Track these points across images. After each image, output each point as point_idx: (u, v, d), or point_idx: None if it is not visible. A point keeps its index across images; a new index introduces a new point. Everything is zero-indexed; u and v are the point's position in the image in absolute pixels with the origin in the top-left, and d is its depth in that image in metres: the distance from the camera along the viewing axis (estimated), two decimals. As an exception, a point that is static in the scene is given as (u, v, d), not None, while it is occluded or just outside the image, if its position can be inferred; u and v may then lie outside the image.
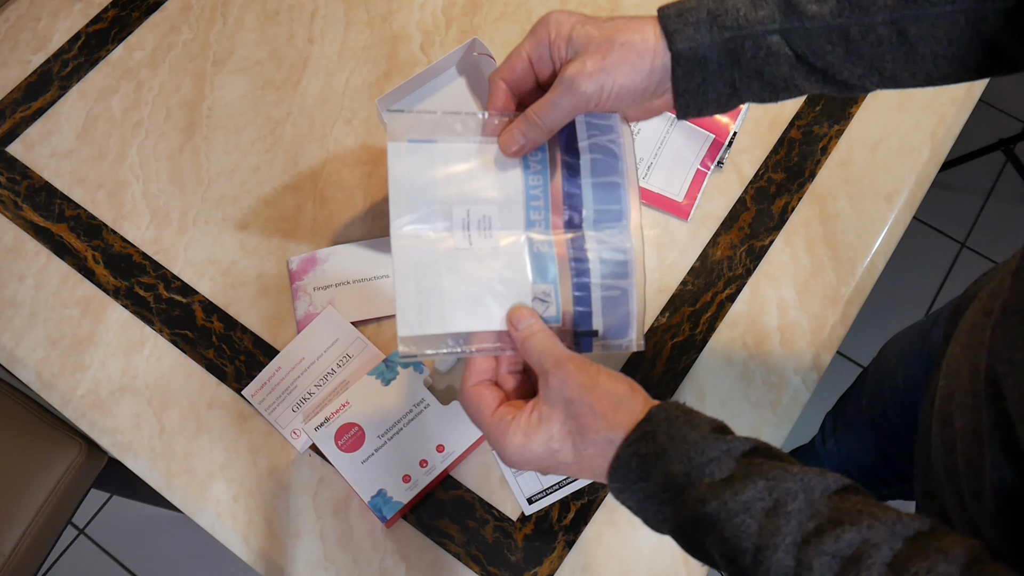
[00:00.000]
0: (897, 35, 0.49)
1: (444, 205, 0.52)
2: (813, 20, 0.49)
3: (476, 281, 0.52)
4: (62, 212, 0.86)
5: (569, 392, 0.47)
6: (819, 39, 0.50)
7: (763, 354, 0.77)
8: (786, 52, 0.50)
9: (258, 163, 0.88)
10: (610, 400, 0.47)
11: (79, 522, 1.55)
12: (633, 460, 0.45)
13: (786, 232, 0.82)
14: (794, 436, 1.45)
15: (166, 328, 0.80)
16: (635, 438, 0.45)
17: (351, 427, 0.72)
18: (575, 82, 0.49)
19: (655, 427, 0.46)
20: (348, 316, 0.79)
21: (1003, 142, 1.71)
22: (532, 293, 0.52)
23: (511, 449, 0.48)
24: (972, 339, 0.56)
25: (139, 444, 0.76)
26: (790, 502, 0.41)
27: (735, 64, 0.50)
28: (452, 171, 0.53)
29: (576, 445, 0.47)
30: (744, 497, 0.42)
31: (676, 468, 0.44)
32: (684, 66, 0.50)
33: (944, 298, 1.72)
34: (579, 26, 0.51)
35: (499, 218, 0.53)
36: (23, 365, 0.80)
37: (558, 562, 0.70)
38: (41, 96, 0.92)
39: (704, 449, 0.44)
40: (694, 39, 0.49)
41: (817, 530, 0.40)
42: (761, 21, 0.49)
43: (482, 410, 0.50)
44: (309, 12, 0.96)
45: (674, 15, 0.50)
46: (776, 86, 0.51)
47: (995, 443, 0.48)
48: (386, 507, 0.70)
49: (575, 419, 0.47)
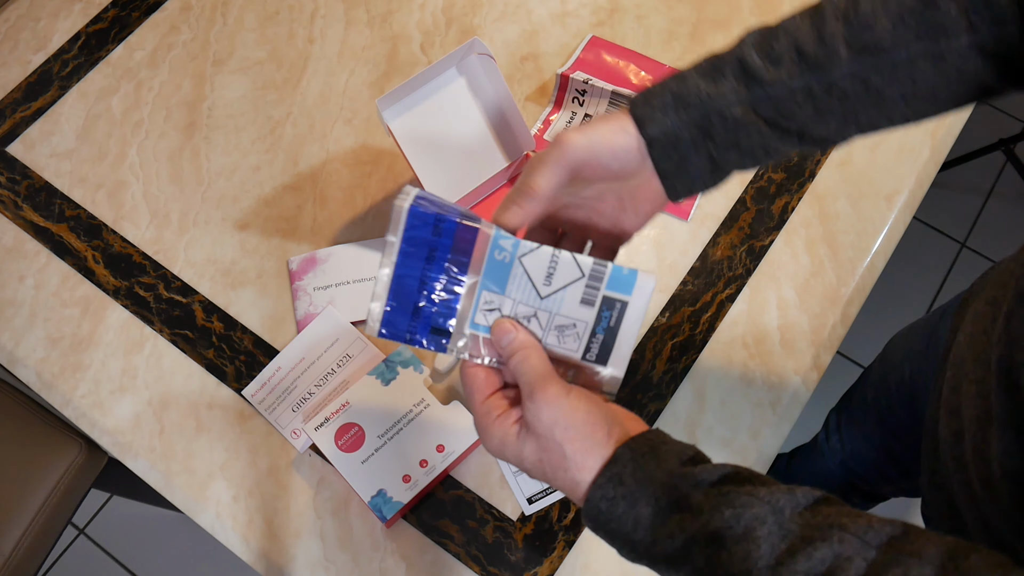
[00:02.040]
0: (861, 86, 0.49)
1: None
2: (773, 86, 0.49)
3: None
4: (62, 212, 0.86)
5: (540, 427, 0.47)
6: (785, 103, 0.50)
7: (763, 354, 0.77)
8: (754, 120, 0.50)
9: (258, 163, 0.88)
10: (582, 442, 0.46)
11: (79, 522, 1.55)
12: (602, 503, 0.45)
13: (786, 232, 0.82)
14: (795, 435, 1.45)
15: (166, 328, 0.80)
16: (602, 482, 0.46)
17: (351, 427, 0.72)
18: (562, 136, 0.50)
19: (621, 469, 0.45)
20: (348, 316, 0.79)
21: (1003, 142, 1.71)
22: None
23: (490, 444, 0.49)
24: (976, 328, 0.56)
25: (139, 444, 0.76)
26: (758, 527, 0.41)
27: (708, 139, 0.51)
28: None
29: (546, 474, 0.47)
30: (712, 527, 0.42)
31: (644, 510, 0.44)
32: (659, 148, 0.51)
33: (944, 298, 1.72)
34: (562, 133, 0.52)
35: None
36: (23, 365, 0.80)
37: (558, 562, 0.70)
38: (41, 96, 0.92)
39: (672, 488, 0.44)
40: (662, 122, 0.50)
41: (789, 550, 0.40)
42: (723, 95, 0.50)
43: (474, 392, 0.50)
44: (309, 12, 0.96)
45: (641, 102, 0.51)
46: (755, 154, 0.52)
47: (1009, 430, 0.48)
48: (386, 507, 0.70)
49: (546, 452, 0.47)
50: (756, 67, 0.50)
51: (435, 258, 0.51)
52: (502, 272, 0.51)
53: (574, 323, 0.51)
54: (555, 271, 0.51)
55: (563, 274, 0.51)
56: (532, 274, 0.51)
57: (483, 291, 0.51)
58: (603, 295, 0.51)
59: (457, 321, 0.51)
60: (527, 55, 0.92)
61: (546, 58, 0.92)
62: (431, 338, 0.51)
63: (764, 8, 0.93)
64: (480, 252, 0.51)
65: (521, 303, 0.51)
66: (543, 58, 0.92)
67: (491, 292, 0.51)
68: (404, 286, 0.51)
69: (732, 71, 0.50)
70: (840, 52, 0.49)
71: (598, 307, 0.51)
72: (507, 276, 0.51)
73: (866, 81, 0.49)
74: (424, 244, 0.51)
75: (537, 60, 0.92)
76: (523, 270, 0.51)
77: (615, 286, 0.51)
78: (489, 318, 0.51)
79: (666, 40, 0.92)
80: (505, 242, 0.51)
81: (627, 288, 0.51)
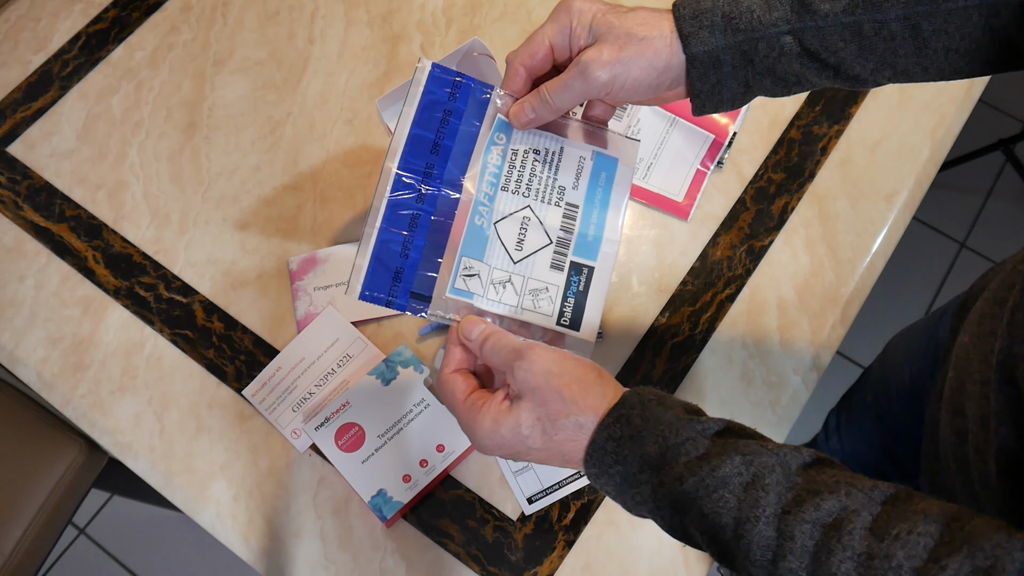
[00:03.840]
0: (910, 31, 0.49)
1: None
2: (826, 19, 0.50)
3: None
4: (62, 212, 0.86)
5: (535, 380, 0.47)
6: (832, 36, 0.50)
7: (763, 354, 0.77)
8: (798, 51, 0.50)
9: (258, 163, 0.88)
10: (579, 385, 0.47)
11: (79, 522, 1.55)
12: (608, 444, 0.45)
13: (786, 232, 0.83)
14: (794, 436, 1.45)
15: (166, 328, 0.80)
16: (609, 421, 0.46)
17: (351, 427, 0.72)
18: (589, 68, 0.50)
19: (629, 410, 0.46)
20: (348, 316, 0.79)
21: (1003, 142, 1.71)
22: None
23: (481, 434, 0.48)
24: (982, 328, 0.56)
25: (139, 444, 0.76)
26: (767, 475, 0.42)
27: (748, 64, 0.51)
28: None
29: (546, 431, 0.47)
30: (722, 472, 0.42)
31: (651, 449, 0.44)
32: (699, 68, 0.51)
33: (944, 298, 1.72)
34: (600, 15, 0.52)
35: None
36: (23, 365, 0.80)
37: (558, 562, 0.70)
38: (41, 96, 0.92)
39: (679, 429, 0.45)
40: (708, 42, 0.50)
41: (796, 500, 0.41)
42: (775, 23, 0.50)
43: (456, 395, 0.50)
44: (309, 12, 0.96)
45: (689, 16, 0.51)
46: (788, 81, 0.52)
47: (1005, 426, 0.48)
48: (386, 507, 0.70)
49: (544, 405, 0.47)
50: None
51: (418, 224, 0.52)
52: (480, 238, 0.53)
53: (546, 287, 0.53)
54: (525, 237, 0.54)
55: (533, 240, 0.54)
56: (505, 240, 0.53)
57: (463, 256, 0.53)
58: (571, 260, 0.54)
59: (436, 287, 0.52)
60: (527, 55, 0.92)
61: (546, 58, 0.92)
62: (411, 303, 0.52)
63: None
64: (461, 218, 0.53)
65: (497, 268, 0.53)
66: (543, 58, 0.92)
67: (470, 258, 0.53)
68: (387, 251, 0.52)
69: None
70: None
71: (567, 272, 0.54)
72: (485, 243, 0.53)
73: (917, 27, 0.49)
74: (407, 214, 0.52)
75: (537, 60, 0.92)
76: (497, 236, 0.53)
77: (581, 252, 0.54)
78: (469, 283, 0.53)
79: (666, 40, 0.92)
80: (483, 207, 0.53)
81: (592, 254, 0.54)
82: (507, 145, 0.55)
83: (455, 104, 0.54)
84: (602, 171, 0.56)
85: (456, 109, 0.54)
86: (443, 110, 0.54)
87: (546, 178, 0.55)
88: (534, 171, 0.55)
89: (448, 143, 0.54)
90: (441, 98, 0.54)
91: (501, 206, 0.54)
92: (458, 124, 0.55)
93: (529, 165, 0.55)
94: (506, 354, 0.49)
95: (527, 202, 0.55)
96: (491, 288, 0.53)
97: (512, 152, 0.55)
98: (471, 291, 0.53)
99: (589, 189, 0.56)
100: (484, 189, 0.54)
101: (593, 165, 0.56)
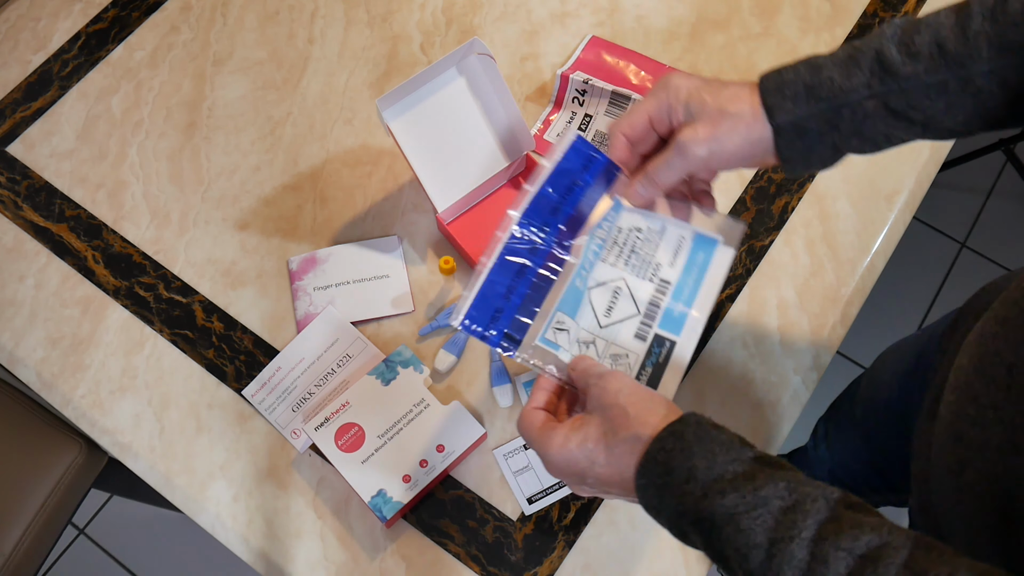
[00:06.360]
0: (998, 85, 0.50)
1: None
2: (908, 80, 0.51)
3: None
4: (62, 212, 0.86)
5: (607, 398, 0.50)
6: (917, 96, 0.51)
7: (763, 354, 0.77)
8: (883, 113, 0.52)
9: (258, 163, 0.88)
10: (643, 404, 0.50)
11: (79, 522, 1.55)
12: (659, 454, 0.47)
13: (786, 232, 0.82)
14: (795, 435, 1.45)
15: (166, 328, 0.80)
16: (664, 435, 0.48)
17: (351, 427, 0.72)
18: (687, 147, 0.54)
19: (683, 427, 0.48)
20: (348, 316, 0.79)
21: (1003, 142, 1.71)
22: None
23: (551, 449, 0.51)
24: (986, 349, 0.54)
25: (139, 444, 0.76)
26: (808, 503, 0.43)
27: (834, 130, 0.53)
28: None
29: (608, 444, 0.49)
30: (764, 493, 0.43)
31: (700, 463, 0.46)
32: (785, 137, 0.53)
33: (944, 298, 1.72)
34: (695, 92, 0.55)
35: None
36: (23, 365, 0.80)
37: (558, 562, 0.70)
38: (41, 96, 0.92)
39: (729, 450, 0.46)
40: (792, 112, 0.53)
41: (835, 529, 0.41)
42: (855, 88, 0.52)
43: (534, 424, 0.53)
44: (309, 12, 0.96)
45: (773, 89, 0.53)
46: (877, 141, 0.54)
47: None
48: (386, 507, 0.70)
49: (610, 421, 0.50)
50: (893, 61, 0.51)
51: (524, 274, 0.57)
52: (576, 299, 0.57)
53: (627, 353, 0.57)
54: (616, 305, 0.57)
55: (622, 309, 0.57)
56: (596, 305, 0.57)
57: (558, 311, 0.57)
58: (655, 333, 0.57)
59: (528, 334, 0.56)
60: (527, 55, 0.92)
61: (546, 58, 0.92)
62: (502, 342, 0.56)
63: (764, 8, 0.93)
64: (564, 278, 0.57)
65: (584, 329, 0.57)
66: (543, 58, 0.92)
67: (564, 314, 0.57)
68: (492, 291, 0.56)
69: (868, 64, 0.52)
70: (982, 50, 0.49)
71: (649, 343, 0.57)
72: (579, 304, 0.57)
73: (1004, 80, 0.50)
74: (517, 263, 0.57)
75: (537, 60, 0.92)
76: (590, 301, 0.57)
77: (667, 325, 0.57)
78: (558, 337, 0.56)
79: (666, 40, 0.92)
80: (584, 272, 0.57)
81: (677, 328, 0.57)
82: (615, 222, 0.59)
83: (584, 176, 0.59)
84: (700, 251, 0.59)
85: (584, 181, 0.59)
86: (573, 179, 0.59)
87: (644, 255, 0.59)
88: (634, 247, 0.59)
89: (568, 209, 0.58)
90: (574, 167, 0.59)
91: (599, 274, 0.58)
92: (581, 194, 0.59)
93: (631, 242, 0.59)
94: (589, 376, 0.52)
95: (623, 274, 0.58)
96: (576, 345, 0.56)
97: (618, 228, 0.59)
98: (558, 344, 0.56)
99: (685, 268, 0.59)
100: (588, 256, 0.58)
101: (692, 246, 0.59)
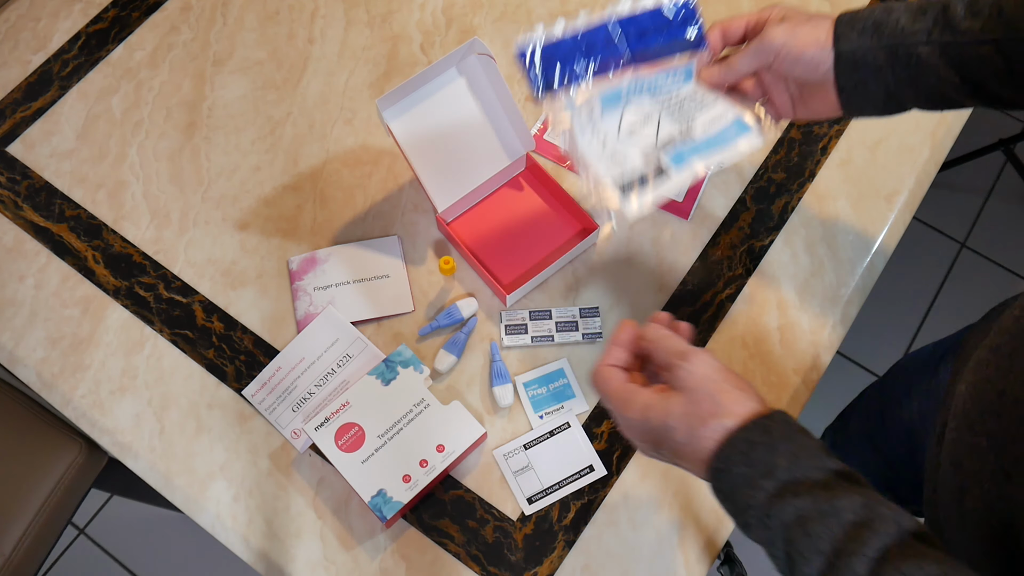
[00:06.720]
0: None
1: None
2: (965, 35, 0.54)
3: None
4: (62, 212, 0.86)
5: (693, 380, 0.50)
6: (970, 53, 0.54)
7: (763, 354, 0.77)
8: (936, 63, 0.55)
9: (258, 163, 0.88)
10: (733, 394, 0.50)
11: (79, 522, 1.55)
12: (742, 444, 0.47)
13: (786, 232, 0.82)
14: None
15: (166, 328, 0.80)
16: (751, 426, 0.48)
17: (351, 427, 0.72)
18: (769, 32, 0.60)
19: (772, 423, 0.48)
20: (348, 316, 0.79)
21: (1003, 142, 1.71)
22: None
23: (630, 412, 0.52)
24: (979, 377, 0.55)
25: (139, 444, 0.76)
26: (879, 523, 0.43)
27: (890, 69, 0.57)
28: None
29: (692, 427, 0.50)
30: (839, 504, 0.43)
31: (781, 462, 0.46)
32: (843, 64, 0.59)
33: (944, 298, 1.72)
34: (791, 9, 0.62)
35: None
36: (23, 365, 0.80)
37: (558, 562, 0.70)
38: (41, 96, 0.92)
39: (814, 455, 0.46)
40: (854, 42, 0.58)
41: (901, 554, 0.41)
42: (916, 32, 0.56)
43: (610, 383, 0.54)
44: (309, 12, 0.96)
45: (846, 21, 0.59)
46: (932, 96, 0.57)
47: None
48: (386, 507, 0.70)
49: (696, 404, 0.50)
50: (956, 15, 0.55)
51: (591, 52, 0.65)
52: (614, 101, 0.65)
53: (624, 161, 0.64)
54: (640, 129, 0.65)
55: (644, 133, 0.65)
56: (624, 117, 0.65)
57: (599, 98, 0.65)
58: (658, 158, 0.64)
59: (561, 91, 0.64)
60: (527, 55, 0.92)
61: (546, 58, 0.92)
62: (546, 88, 0.64)
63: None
64: (615, 79, 0.65)
65: (604, 130, 0.64)
66: (543, 58, 0.92)
67: (599, 102, 0.65)
68: (561, 49, 0.64)
69: (934, 14, 0.56)
70: None
71: (649, 166, 0.63)
72: (614, 106, 0.65)
73: None
74: (593, 41, 0.65)
75: (537, 60, 0.92)
76: (622, 111, 0.65)
77: (671, 158, 0.63)
78: (582, 112, 0.64)
79: (666, 40, 0.92)
80: (630, 88, 0.65)
81: (679, 164, 0.64)
82: (679, 86, 0.66)
83: (678, 31, 0.66)
84: (733, 129, 0.65)
85: (673, 35, 0.66)
86: (669, 29, 0.66)
87: (688, 111, 0.65)
88: (683, 104, 0.65)
89: (651, 42, 0.66)
90: (675, 23, 0.66)
91: (642, 100, 0.65)
92: (664, 42, 0.66)
93: (683, 101, 0.66)
94: (671, 354, 0.53)
95: (661, 110, 0.65)
96: (589, 128, 0.63)
97: (679, 91, 0.66)
98: (578, 111, 0.64)
99: (715, 136, 0.64)
100: (644, 83, 0.65)
101: (730, 124, 0.65)
